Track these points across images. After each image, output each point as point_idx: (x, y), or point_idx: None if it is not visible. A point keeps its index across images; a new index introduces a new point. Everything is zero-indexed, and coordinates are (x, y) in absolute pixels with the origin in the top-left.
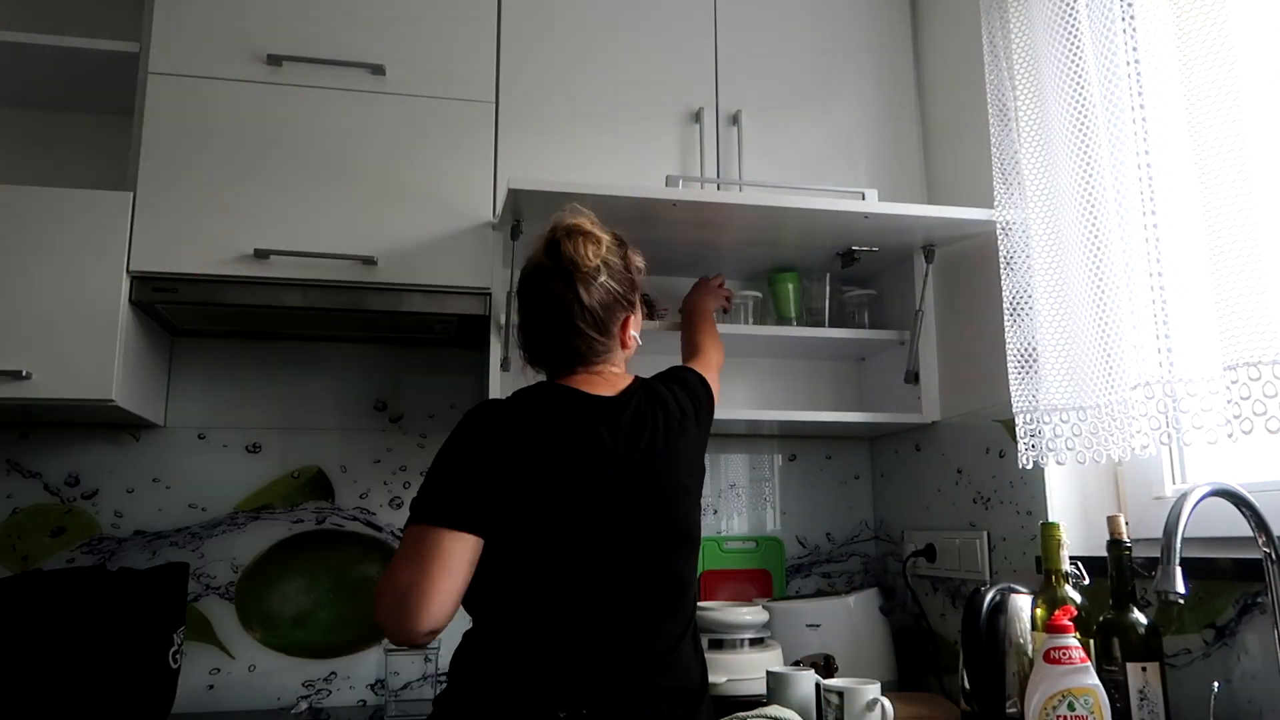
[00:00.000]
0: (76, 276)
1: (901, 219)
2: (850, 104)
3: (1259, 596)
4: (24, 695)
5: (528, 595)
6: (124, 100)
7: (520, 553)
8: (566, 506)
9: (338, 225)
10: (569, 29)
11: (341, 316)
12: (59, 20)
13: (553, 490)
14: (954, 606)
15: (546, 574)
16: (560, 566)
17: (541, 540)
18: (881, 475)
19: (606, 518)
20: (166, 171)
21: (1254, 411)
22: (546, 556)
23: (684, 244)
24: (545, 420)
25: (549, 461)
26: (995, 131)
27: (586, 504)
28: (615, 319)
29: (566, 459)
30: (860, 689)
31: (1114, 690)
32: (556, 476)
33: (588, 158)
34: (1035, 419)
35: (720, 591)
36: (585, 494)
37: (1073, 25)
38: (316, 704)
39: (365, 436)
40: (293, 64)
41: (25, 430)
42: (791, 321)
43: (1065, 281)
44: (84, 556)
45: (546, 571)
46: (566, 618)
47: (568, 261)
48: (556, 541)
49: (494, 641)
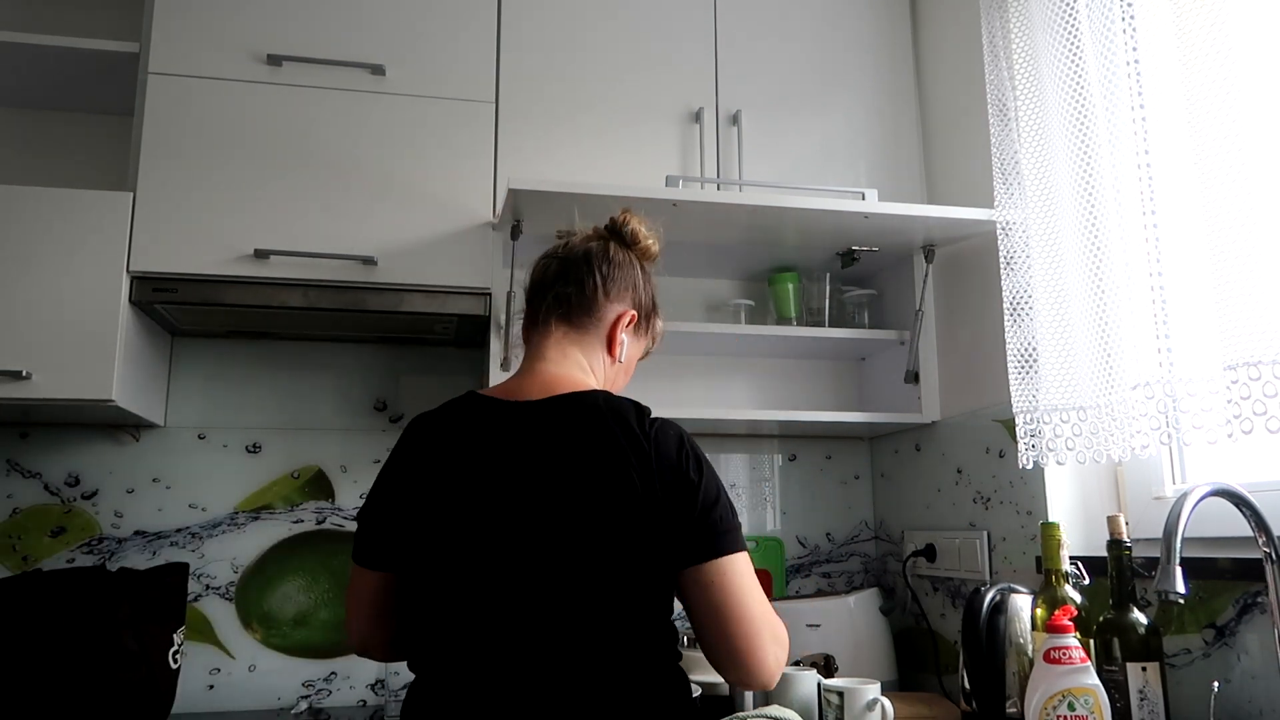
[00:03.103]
0: (76, 277)
1: (901, 219)
2: (850, 104)
3: (1259, 596)
4: (24, 695)
5: (439, 635)
6: (124, 100)
7: (420, 589)
8: (466, 536)
9: (338, 225)
10: (569, 29)
11: (342, 316)
12: (59, 20)
13: (448, 517)
14: (954, 606)
15: (454, 611)
16: (468, 604)
17: (434, 578)
18: (881, 475)
19: (512, 550)
20: (166, 171)
21: (1254, 411)
22: (450, 593)
23: (684, 244)
24: (444, 438)
25: (431, 487)
26: (995, 131)
27: (490, 533)
28: (620, 292)
29: (449, 484)
30: (860, 689)
31: (1114, 690)
32: (449, 502)
33: (588, 158)
34: (1035, 419)
35: None
36: (488, 520)
37: (1073, 25)
38: (316, 704)
39: (365, 436)
40: (293, 64)
41: (25, 430)
42: (791, 321)
43: (1065, 281)
44: (84, 556)
45: (453, 608)
46: (485, 658)
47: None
48: (458, 577)
49: (423, 689)
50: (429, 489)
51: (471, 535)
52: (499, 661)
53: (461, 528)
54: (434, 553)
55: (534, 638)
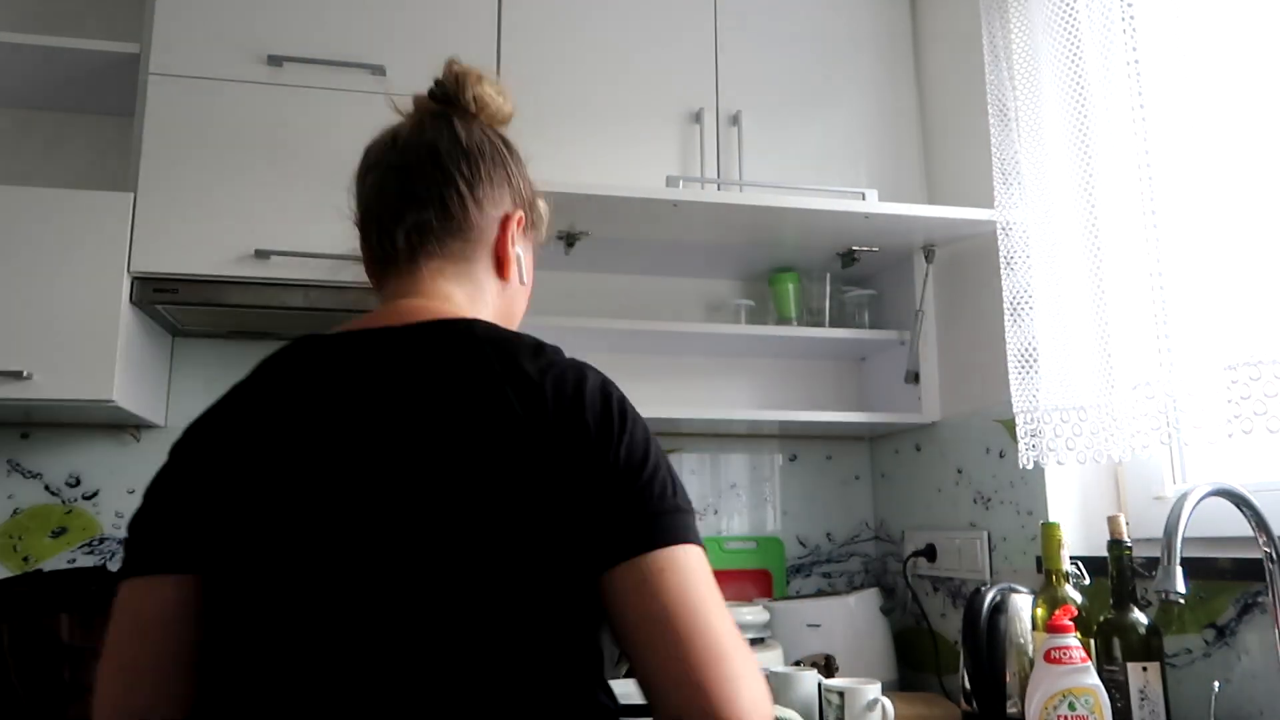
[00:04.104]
0: (77, 277)
1: (901, 219)
2: (850, 104)
3: (1259, 596)
4: (25, 696)
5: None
6: (124, 100)
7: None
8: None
9: (338, 226)
10: (569, 29)
11: (342, 317)
12: (59, 20)
13: (264, 501)
14: (954, 606)
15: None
16: (287, 615)
17: (254, 578)
18: (882, 475)
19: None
20: (167, 172)
21: (1254, 411)
22: (263, 602)
23: (684, 244)
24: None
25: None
26: (995, 131)
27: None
28: (495, 192)
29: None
30: (861, 689)
31: (1114, 690)
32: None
33: (588, 158)
34: (1035, 419)
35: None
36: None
37: (1073, 25)
38: None
39: None
40: (293, 64)
41: (26, 430)
42: (791, 321)
43: (1065, 281)
44: (85, 557)
45: (266, 623)
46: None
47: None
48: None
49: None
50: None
51: (293, 522)
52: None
53: (280, 510)
54: (247, 546)
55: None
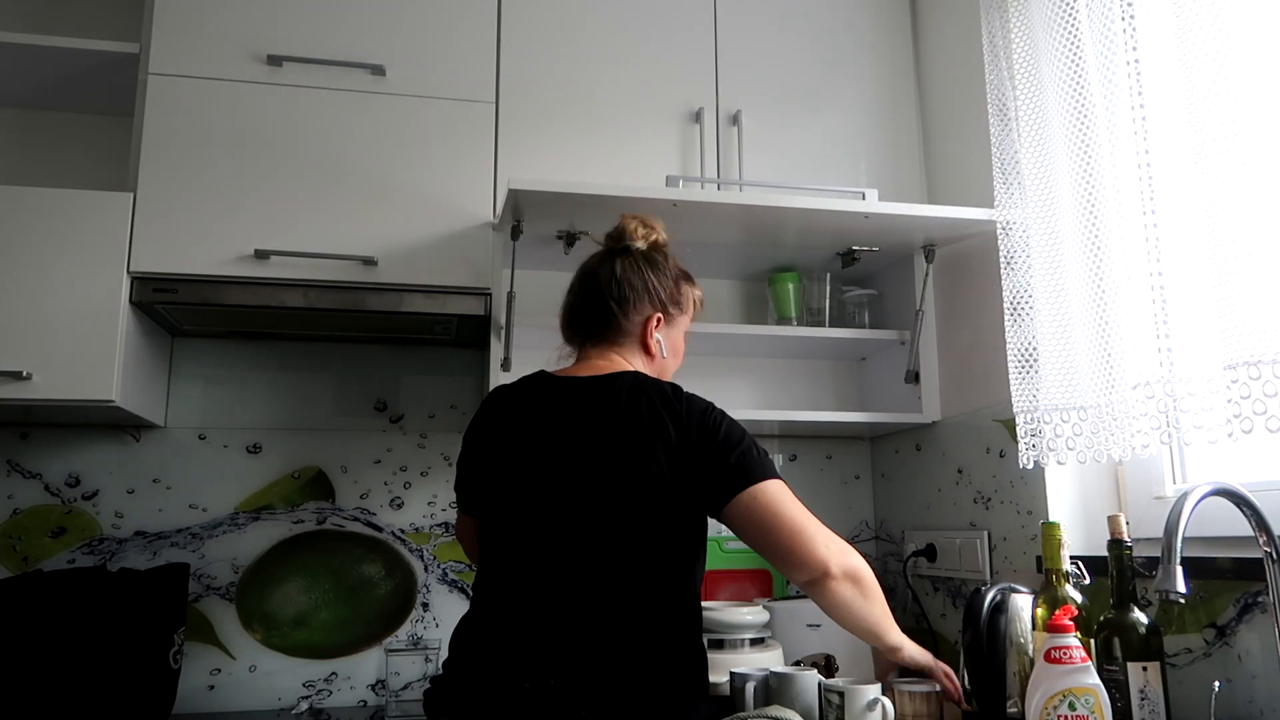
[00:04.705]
0: (77, 277)
1: (901, 219)
2: (850, 104)
3: (1259, 596)
4: (25, 696)
5: (492, 571)
6: (124, 100)
7: (486, 532)
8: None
9: (338, 225)
10: (569, 29)
11: (342, 317)
12: (59, 20)
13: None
14: (954, 606)
15: (503, 551)
16: (513, 545)
17: (498, 520)
18: (882, 475)
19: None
20: (167, 172)
21: (1254, 411)
22: (502, 535)
23: (684, 244)
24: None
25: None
26: (995, 131)
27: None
28: (638, 305)
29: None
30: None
31: (1115, 690)
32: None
33: (588, 158)
34: (1035, 419)
35: (721, 591)
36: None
37: (1073, 25)
38: (317, 704)
39: (366, 436)
40: (293, 64)
41: (26, 431)
42: (791, 321)
43: (1065, 281)
44: (84, 557)
45: (503, 549)
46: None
47: (615, 237)
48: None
49: (470, 618)
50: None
51: (527, 486)
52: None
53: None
54: (499, 500)
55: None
